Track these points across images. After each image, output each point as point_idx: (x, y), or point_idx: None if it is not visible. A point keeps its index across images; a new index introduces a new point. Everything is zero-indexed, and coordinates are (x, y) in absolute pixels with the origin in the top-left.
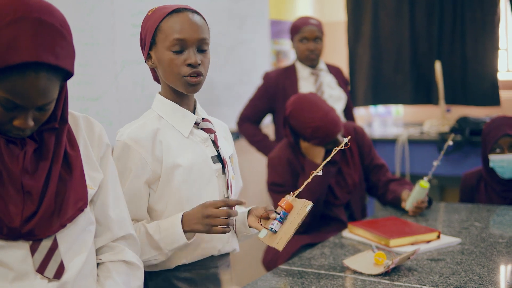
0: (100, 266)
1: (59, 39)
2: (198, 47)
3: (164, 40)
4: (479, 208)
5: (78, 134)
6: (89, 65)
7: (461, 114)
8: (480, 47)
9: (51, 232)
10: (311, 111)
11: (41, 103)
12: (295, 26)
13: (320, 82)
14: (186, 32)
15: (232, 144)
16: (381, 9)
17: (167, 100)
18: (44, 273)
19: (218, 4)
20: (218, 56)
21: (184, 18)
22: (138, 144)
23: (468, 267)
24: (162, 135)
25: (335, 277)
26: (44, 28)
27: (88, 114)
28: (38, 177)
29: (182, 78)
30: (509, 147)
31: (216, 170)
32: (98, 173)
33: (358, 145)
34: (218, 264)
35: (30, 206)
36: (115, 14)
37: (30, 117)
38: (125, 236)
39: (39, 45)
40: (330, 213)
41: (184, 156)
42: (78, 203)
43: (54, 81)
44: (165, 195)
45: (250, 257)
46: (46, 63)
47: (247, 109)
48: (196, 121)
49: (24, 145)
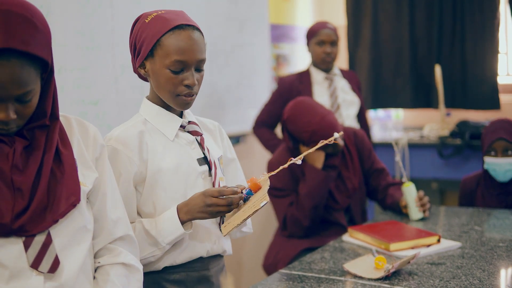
0: (99, 269)
1: (29, 28)
2: (196, 67)
3: (164, 58)
4: (479, 212)
5: (71, 134)
6: (88, 68)
7: (461, 118)
8: (480, 50)
9: (44, 227)
10: (308, 115)
11: (18, 92)
12: (312, 30)
13: (334, 87)
14: (187, 54)
15: (226, 143)
16: (380, 13)
17: (153, 105)
18: (39, 267)
19: (217, 7)
20: (218, 60)
21: (186, 37)
22: (126, 146)
23: (469, 271)
24: (147, 137)
25: (335, 281)
26: (13, 18)
27: (87, 117)
28: (29, 174)
29: (177, 97)
30: (503, 151)
31: (202, 172)
32: (92, 171)
33: (358, 149)
34: (210, 266)
35: (20, 202)
36: (114, 18)
37: (11, 109)
38: (123, 237)
39: (7, 33)
40: (330, 217)
41: (169, 159)
42: (70, 198)
43: (28, 69)
44: (151, 197)
45: (250, 261)
46: (16, 49)
47: (262, 114)
48: (182, 124)
49: (13, 143)
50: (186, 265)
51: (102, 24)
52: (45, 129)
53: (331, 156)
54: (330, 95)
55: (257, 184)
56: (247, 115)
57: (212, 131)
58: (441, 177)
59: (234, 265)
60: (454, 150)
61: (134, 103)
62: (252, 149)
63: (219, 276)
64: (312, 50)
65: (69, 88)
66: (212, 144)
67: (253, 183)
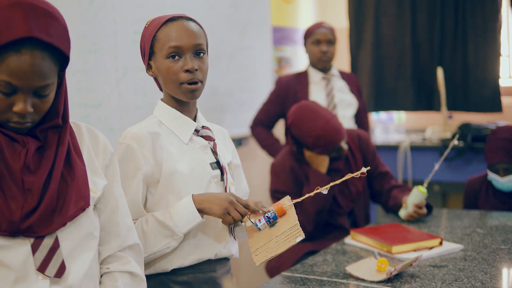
0: (107, 275)
1: (51, 21)
2: (195, 53)
3: (161, 49)
4: (481, 215)
5: (82, 141)
6: (90, 72)
7: (463, 120)
8: (481, 53)
9: (51, 229)
10: (312, 120)
11: (37, 84)
12: (308, 30)
13: (331, 87)
14: (181, 39)
15: (232, 149)
16: (382, 16)
17: (168, 107)
18: (45, 272)
19: (219, 10)
20: (220, 63)
21: (178, 25)
22: (141, 145)
23: (471, 273)
24: (162, 140)
25: (337, 284)
26: (36, 11)
27: (89, 120)
28: (40, 175)
29: (181, 86)
30: (504, 170)
31: (214, 176)
32: (101, 179)
33: (362, 153)
34: (216, 268)
35: (30, 202)
36: (116, 21)
37: (29, 102)
38: (132, 246)
39: (32, 23)
40: (334, 221)
41: (184, 162)
42: (79, 202)
43: (49, 62)
44: (164, 199)
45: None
46: (40, 39)
47: (259, 114)
48: (196, 128)
49: (26, 143)
50: (194, 267)
51: (104, 27)
52: (58, 130)
53: (335, 160)
54: (327, 94)
55: (283, 209)
56: (249, 118)
57: (221, 137)
58: (443, 179)
59: (237, 267)
60: (456, 153)
61: (136, 106)
62: (253, 152)
63: (225, 279)
64: (309, 50)
65: (71, 91)
66: (222, 150)
67: (279, 208)
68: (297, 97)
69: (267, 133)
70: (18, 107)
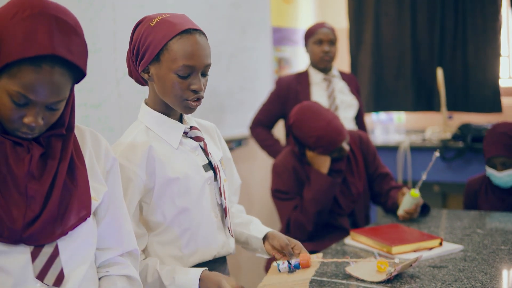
0: (106, 278)
1: (74, 37)
2: (202, 72)
3: (171, 62)
4: (481, 215)
5: (84, 146)
6: (90, 72)
7: (463, 121)
8: (481, 53)
9: (53, 238)
10: (313, 120)
11: (53, 100)
12: (310, 30)
13: (332, 88)
14: (196, 59)
15: (221, 144)
16: (382, 16)
17: (153, 112)
18: (44, 280)
19: (219, 11)
20: (220, 63)
21: (193, 42)
22: (131, 162)
23: (471, 274)
24: (153, 150)
25: (337, 285)
26: (60, 25)
27: (89, 121)
28: (43, 182)
29: (184, 101)
30: (501, 164)
31: (208, 178)
32: (102, 185)
33: (363, 154)
34: (215, 268)
35: (32, 210)
36: (116, 21)
37: (40, 115)
38: (131, 252)
39: (55, 40)
40: (334, 222)
41: (176, 169)
42: (81, 211)
43: (67, 78)
44: (160, 207)
45: (253, 263)
46: (62, 57)
47: (259, 114)
48: (185, 131)
49: (30, 148)
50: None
51: (104, 27)
52: (61, 138)
53: (337, 161)
54: (328, 96)
55: (309, 263)
56: (249, 118)
57: (210, 133)
58: (443, 180)
59: (237, 267)
60: (456, 153)
61: (136, 107)
62: (253, 153)
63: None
64: (310, 50)
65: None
66: (213, 147)
67: (305, 261)
68: (298, 98)
69: (267, 134)
70: (29, 120)
